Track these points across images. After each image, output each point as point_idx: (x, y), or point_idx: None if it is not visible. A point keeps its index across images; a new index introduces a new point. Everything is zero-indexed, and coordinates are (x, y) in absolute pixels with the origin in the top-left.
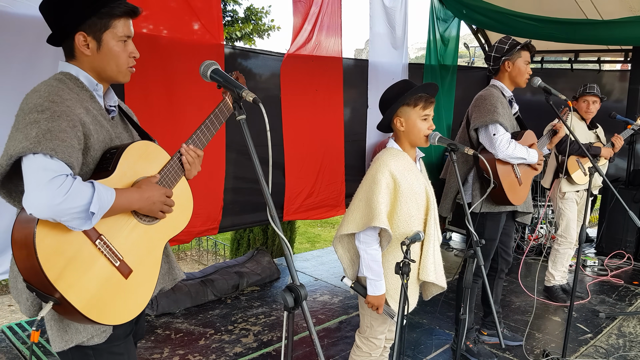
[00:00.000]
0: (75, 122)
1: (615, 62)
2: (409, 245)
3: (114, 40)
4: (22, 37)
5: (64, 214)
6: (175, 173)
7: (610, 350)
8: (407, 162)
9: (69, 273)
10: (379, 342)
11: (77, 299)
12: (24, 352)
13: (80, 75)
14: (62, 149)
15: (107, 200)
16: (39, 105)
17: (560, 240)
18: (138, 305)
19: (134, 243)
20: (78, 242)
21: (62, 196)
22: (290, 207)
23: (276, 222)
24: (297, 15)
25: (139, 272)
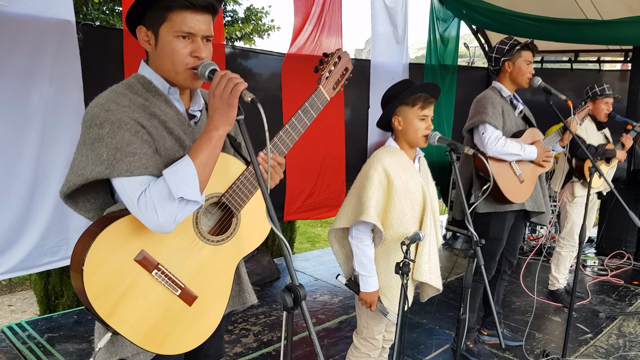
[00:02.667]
0: (136, 126)
1: (615, 62)
2: (409, 245)
3: (169, 35)
4: (22, 37)
5: (171, 220)
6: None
7: (610, 350)
8: (403, 160)
9: (122, 308)
10: (377, 342)
11: (132, 334)
12: (24, 352)
13: (153, 78)
14: (136, 165)
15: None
16: (96, 117)
17: (563, 243)
18: (203, 332)
19: (200, 267)
20: (132, 274)
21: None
22: (290, 207)
23: (275, 222)
24: (298, 15)
25: (205, 298)
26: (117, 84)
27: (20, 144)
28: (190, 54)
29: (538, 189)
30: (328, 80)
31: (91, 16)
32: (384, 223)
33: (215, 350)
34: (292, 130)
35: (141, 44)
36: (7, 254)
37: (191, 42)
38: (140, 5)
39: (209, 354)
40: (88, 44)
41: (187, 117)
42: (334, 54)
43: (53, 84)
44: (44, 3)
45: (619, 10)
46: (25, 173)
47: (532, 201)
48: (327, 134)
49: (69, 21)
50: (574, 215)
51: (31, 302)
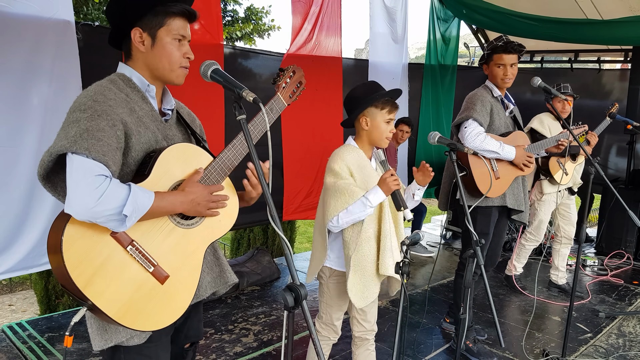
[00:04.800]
0: (116, 121)
1: (615, 62)
2: (409, 245)
3: (168, 37)
4: (21, 37)
5: (99, 216)
6: (217, 173)
7: (610, 350)
8: (362, 158)
9: (98, 280)
10: (336, 327)
11: (108, 306)
12: (24, 351)
13: (133, 76)
14: (96, 148)
15: (143, 203)
16: (82, 104)
17: (529, 237)
18: (176, 310)
19: (171, 248)
20: (108, 248)
21: (96, 199)
22: (289, 207)
23: (276, 222)
24: (296, 15)
25: (177, 277)
26: (100, 81)
27: (19, 143)
28: (183, 55)
29: (520, 188)
30: (285, 90)
31: (91, 16)
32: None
33: (195, 331)
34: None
35: (134, 44)
36: (7, 254)
37: (182, 45)
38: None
39: (189, 335)
40: (87, 44)
41: (160, 115)
42: (289, 68)
43: (52, 83)
44: (43, 3)
45: (619, 10)
46: (24, 172)
47: (513, 199)
48: (326, 134)
49: (68, 21)
50: (541, 212)
51: (31, 302)
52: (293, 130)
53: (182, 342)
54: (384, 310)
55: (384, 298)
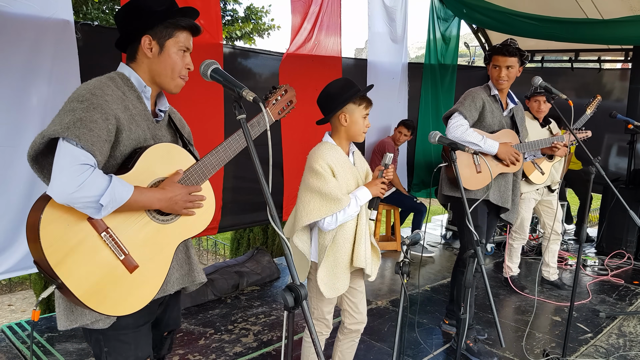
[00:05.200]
0: (109, 115)
1: (615, 62)
2: (409, 245)
3: (174, 47)
4: (21, 37)
5: (77, 202)
6: (198, 176)
7: (611, 350)
8: (340, 156)
9: (70, 260)
10: (327, 321)
11: (75, 286)
12: (23, 351)
13: (131, 77)
14: (86, 137)
15: (121, 195)
16: (81, 95)
17: (515, 235)
18: (141, 300)
19: (144, 240)
20: (84, 232)
21: (76, 186)
22: (289, 207)
23: (276, 221)
24: (295, 15)
25: (146, 269)
26: (100, 77)
27: (19, 143)
28: (185, 65)
29: (508, 185)
30: (274, 106)
31: (91, 15)
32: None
33: (174, 320)
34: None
35: (142, 49)
36: (7, 254)
37: (185, 56)
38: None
39: (169, 324)
40: (87, 43)
41: (152, 115)
42: (281, 87)
43: (52, 83)
44: (42, 3)
45: (620, 10)
46: (24, 172)
47: (497, 195)
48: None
49: (67, 21)
50: (522, 211)
51: (31, 302)
52: (293, 130)
53: (162, 330)
54: (384, 310)
55: (384, 298)
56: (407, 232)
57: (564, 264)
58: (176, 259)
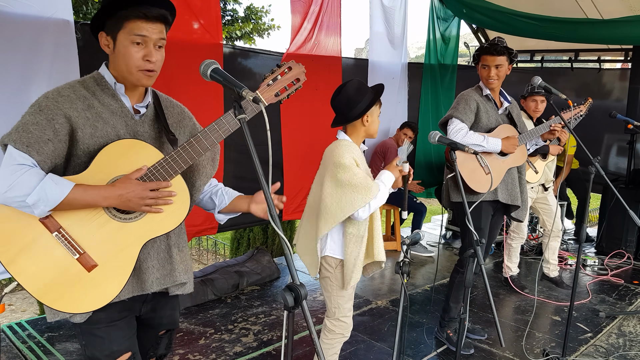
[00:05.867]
0: (56, 115)
1: (615, 62)
2: (409, 245)
3: (126, 40)
4: (20, 37)
5: (11, 202)
6: (165, 171)
7: (610, 350)
8: (358, 152)
9: (22, 259)
10: (349, 319)
11: (29, 284)
12: (24, 351)
13: (105, 75)
14: (22, 140)
15: (53, 193)
16: (36, 102)
17: (513, 235)
18: (102, 298)
19: (103, 239)
20: (35, 231)
21: (8, 185)
22: (289, 207)
23: (276, 221)
24: (295, 15)
25: (107, 267)
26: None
27: None
28: (143, 57)
29: (515, 183)
30: (270, 88)
31: (91, 15)
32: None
33: (169, 319)
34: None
35: (102, 47)
36: None
37: (144, 48)
38: (102, 15)
39: (164, 323)
40: (87, 43)
41: (132, 111)
42: (284, 64)
43: (52, 83)
44: (42, 3)
45: (620, 10)
46: None
47: (506, 194)
48: (326, 133)
49: (67, 21)
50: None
51: (31, 302)
52: (293, 129)
53: (157, 330)
54: (384, 310)
55: (384, 298)
56: (407, 232)
57: (563, 263)
58: (157, 259)
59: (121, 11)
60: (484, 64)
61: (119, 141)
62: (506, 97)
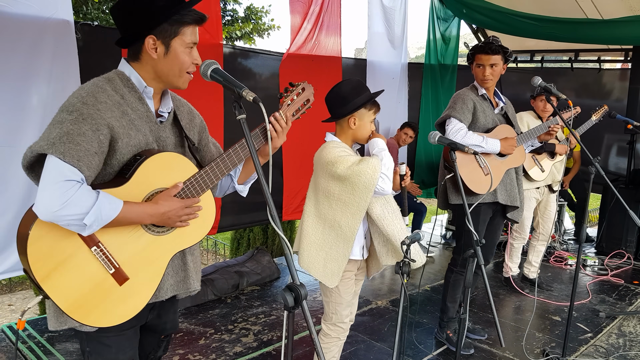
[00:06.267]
0: (100, 125)
1: (615, 62)
2: (409, 245)
3: (181, 47)
4: (20, 37)
5: (60, 220)
6: (199, 186)
7: (610, 350)
8: (350, 150)
9: (57, 275)
10: (346, 325)
11: (61, 300)
12: (24, 351)
13: (132, 76)
14: (71, 153)
15: (107, 214)
16: (72, 105)
17: (515, 235)
18: (129, 311)
19: (137, 252)
20: (73, 246)
21: (61, 204)
22: (289, 207)
23: (276, 221)
24: (294, 15)
25: (136, 281)
26: (98, 77)
27: (18, 143)
28: (193, 61)
29: (513, 183)
30: (289, 107)
31: (90, 16)
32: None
33: (172, 324)
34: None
35: (146, 50)
36: (6, 253)
37: (192, 52)
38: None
39: (167, 328)
40: (87, 43)
41: (155, 116)
42: (299, 84)
43: (51, 83)
44: (42, 3)
45: (620, 10)
46: (23, 172)
47: (505, 195)
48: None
49: (67, 21)
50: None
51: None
52: (292, 129)
53: (160, 334)
54: (384, 310)
55: (384, 298)
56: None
57: (563, 263)
58: (172, 266)
59: (179, 17)
60: (478, 63)
61: (160, 154)
62: (500, 97)
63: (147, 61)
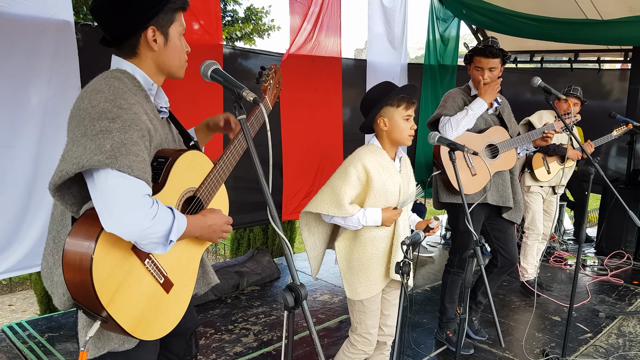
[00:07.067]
0: (144, 131)
1: (615, 62)
2: (409, 245)
3: (177, 34)
4: (20, 38)
5: (147, 238)
6: (216, 181)
7: (610, 350)
8: (384, 159)
9: (119, 296)
10: (372, 337)
11: (124, 320)
12: (24, 351)
13: (136, 74)
14: (137, 166)
15: (182, 228)
16: (108, 111)
17: (528, 232)
18: (176, 317)
19: (177, 257)
20: (129, 264)
21: (150, 221)
22: (288, 207)
23: (277, 221)
24: (294, 16)
25: (179, 285)
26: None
27: (18, 143)
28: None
29: (506, 184)
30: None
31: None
32: None
33: (192, 322)
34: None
35: (148, 43)
36: (7, 253)
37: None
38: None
39: (188, 327)
40: (87, 44)
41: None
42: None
43: (52, 84)
44: (42, 3)
45: (619, 10)
46: (23, 172)
47: (497, 195)
48: (325, 134)
49: (67, 21)
50: (533, 204)
51: (31, 302)
52: (292, 129)
53: (185, 334)
54: None
55: None
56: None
57: (563, 264)
58: None
59: (170, 4)
60: (477, 66)
61: (185, 154)
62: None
63: (146, 55)
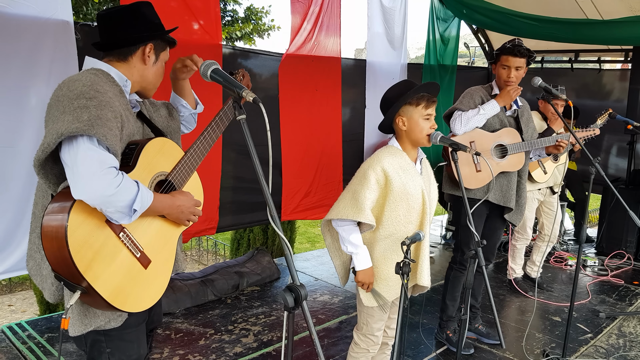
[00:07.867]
0: (117, 114)
1: (615, 62)
2: (409, 245)
3: (163, 61)
4: (20, 38)
5: (111, 206)
6: (188, 168)
7: (611, 350)
8: (404, 161)
9: (96, 264)
10: (376, 338)
11: (103, 289)
12: (24, 352)
13: (111, 72)
14: (111, 138)
15: (146, 201)
16: (86, 92)
17: (517, 236)
18: (156, 293)
19: (153, 235)
20: (104, 235)
21: (114, 188)
22: (287, 207)
23: (276, 222)
24: (295, 15)
25: (157, 263)
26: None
27: (18, 143)
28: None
29: (510, 185)
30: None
31: (91, 16)
32: (378, 223)
33: (158, 316)
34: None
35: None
36: (6, 253)
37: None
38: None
39: (154, 320)
40: (86, 44)
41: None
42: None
43: (51, 84)
44: (42, 3)
45: (620, 10)
46: (22, 172)
47: (499, 195)
48: (324, 134)
49: (67, 22)
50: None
51: (31, 302)
52: (292, 129)
53: (149, 327)
54: None
55: None
56: None
57: (563, 264)
58: None
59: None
60: (504, 64)
61: (153, 140)
62: (516, 100)
63: (135, 64)
